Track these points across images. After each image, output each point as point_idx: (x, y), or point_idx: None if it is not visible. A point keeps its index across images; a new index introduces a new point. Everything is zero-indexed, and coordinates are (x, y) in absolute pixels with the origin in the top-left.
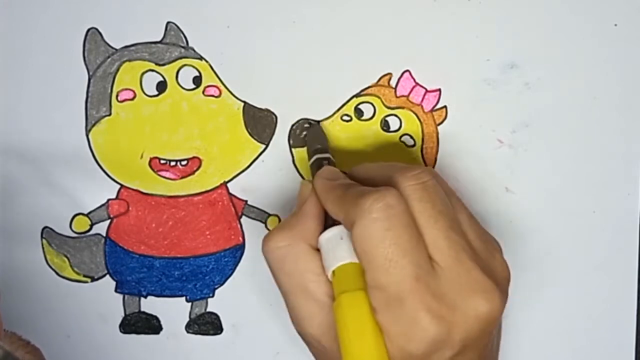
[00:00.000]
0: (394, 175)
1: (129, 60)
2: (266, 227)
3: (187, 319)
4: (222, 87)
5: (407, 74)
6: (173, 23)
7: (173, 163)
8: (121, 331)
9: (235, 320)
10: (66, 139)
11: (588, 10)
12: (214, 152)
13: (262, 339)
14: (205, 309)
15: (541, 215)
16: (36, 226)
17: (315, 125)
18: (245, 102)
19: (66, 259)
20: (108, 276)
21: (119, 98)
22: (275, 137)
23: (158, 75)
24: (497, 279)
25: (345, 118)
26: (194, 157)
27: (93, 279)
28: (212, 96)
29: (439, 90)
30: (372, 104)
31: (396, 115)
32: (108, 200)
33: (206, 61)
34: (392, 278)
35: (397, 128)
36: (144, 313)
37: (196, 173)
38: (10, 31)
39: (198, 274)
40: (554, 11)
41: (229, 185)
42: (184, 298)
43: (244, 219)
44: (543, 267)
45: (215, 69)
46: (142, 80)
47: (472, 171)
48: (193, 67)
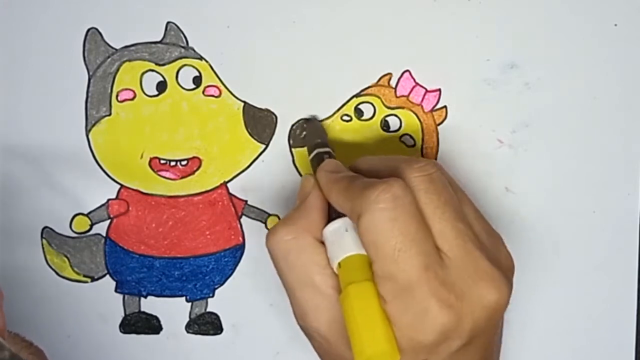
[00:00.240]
0: (400, 166)
1: (129, 60)
2: (266, 227)
3: (187, 319)
4: (222, 87)
5: (407, 74)
6: (173, 23)
7: (173, 163)
8: (121, 331)
9: (235, 320)
10: (66, 139)
11: (588, 10)
12: (214, 152)
13: (262, 339)
14: (205, 309)
15: (541, 215)
16: (36, 226)
17: (313, 120)
18: (245, 102)
19: (66, 259)
20: (108, 276)
21: (119, 98)
22: (275, 137)
23: (158, 75)
24: (503, 269)
25: (345, 118)
26: (194, 157)
27: (93, 279)
28: (212, 96)
29: (439, 90)
30: (372, 104)
31: (396, 115)
32: (108, 200)
33: (206, 61)
34: (401, 267)
35: (397, 128)
36: (144, 313)
37: (196, 173)
38: (10, 31)
39: (198, 274)
40: (554, 11)
41: (229, 185)
42: (184, 298)
43: (244, 219)
44: (543, 267)
45: (215, 69)
46: (142, 80)
47: (472, 171)
48: (193, 67)
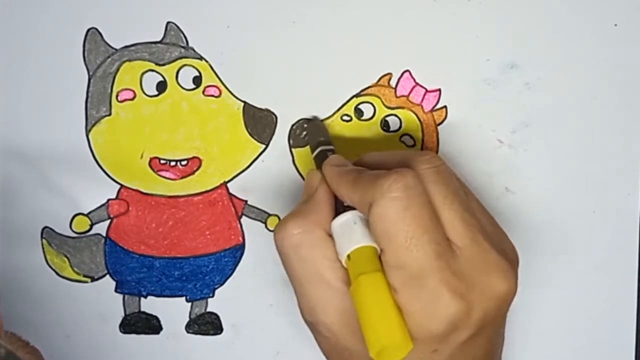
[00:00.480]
0: (409, 158)
1: (129, 60)
2: (266, 227)
3: (187, 319)
4: (222, 87)
5: (407, 74)
6: (173, 23)
7: (173, 163)
8: (121, 331)
9: (235, 320)
10: (66, 139)
11: (588, 10)
12: (214, 152)
13: (262, 339)
14: (205, 309)
15: (541, 215)
16: (36, 226)
17: (314, 120)
18: (245, 102)
19: (66, 259)
20: (108, 276)
21: (119, 98)
22: (275, 137)
23: (158, 75)
24: (510, 260)
25: (345, 118)
26: (194, 157)
27: (93, 279)
28: (212, 96)
29: (439, 90)
30: (372, 104)
31: (396, 115)
32: (108, 200)
33: (206, 61)
34: (413, 256)
35: (397, 128)
36: (144, 313)
37: (196, 173)
38: (10, 31)
39: (198, 274)
40: (554, 11)
41: (229, 185)
42: (184, 298)
43: (244, 219)
44: (543, 267)
45: (215, 69)
46: (142, 80)
47: (472, 171)
48: (193, 67)
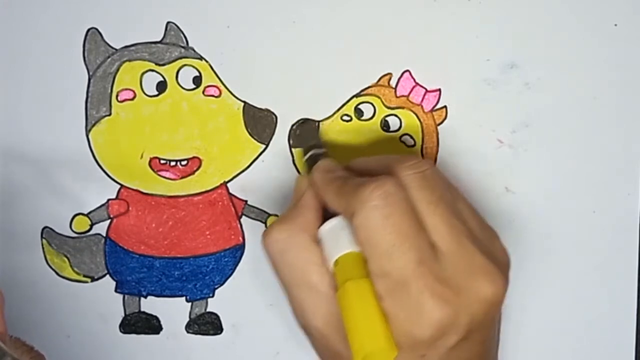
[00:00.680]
0: (392, 165)
1: (129, 60)
2: (266, 227)
3: (187, 319)
4: (222, 87)
5: (407, 74)
6: (173, 23)
7: (173, 163)
8: (121, 331)
9: (235, 320)
10: (66, 139)
11: (588, 10)
12: (214, 152)
13: (262, 339)
14: (205, 309)
15: (541, 215)
16: (36, 226)
17: (308, 121)
18: (245, 102)
19: (66, 259)
20: (108, 276)
21: (119, 98)
22: (275, 137)
23: (158, 75)
24: (499, 264)
25: (345, 118)
26: (194, 157)
27: (93, 279)
28: (212, 96)
29: (439, 90)
30: (372, 104)
31: (396, 115)
32: (108, 200)
33: (206, 61)
34: (395, 264)
35: (397, 128)
36: (144, 313)
37: (196, 173)
38: (10, 31)
39: (198, 274)
40: (554, 11)
41: (229, 185)
42: (184, 298)
43: (244, 219)
44: (543, 267)
45: (215, 69)
46: (142, 80)
47: (472, 171)
48: (193, 67)
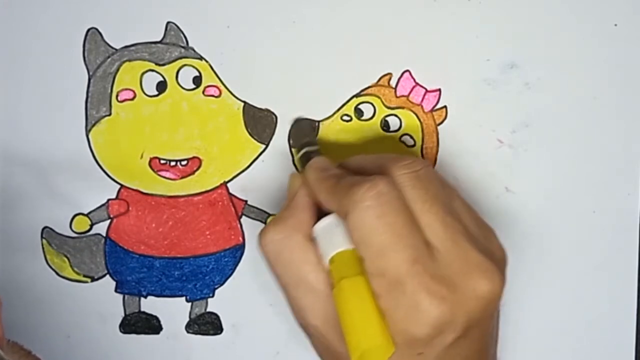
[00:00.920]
0: (387, 164)
1: (129, 60)
2: None
3: (187, 319)
4: (222, 87)
5: (407, 74)
6: (173, 23)
7: (173, 163)
8: (121, 331)
9: (235, 320)
10: (66, 139)
11: (588, 10)
12: (214, 152)
13: (262, 339)
14: (205, 309)
15: (541, 215)
16: (36, 226)
17: (300, 119)
18: (245, 102)
19: (66, 259)
20: (108, 276)
21: (119, 98)
22: (275, 137)
23: (158, 75)
24: (495, 260)
25: (345, 118)
26: (194, 157)
27: (93, 279)
28: (212, 96)
29: (439, 90)
30: (372, 104)
31: (396, 115)
32: (108, 200)
33: (206, 61)
34: (390, 263)
35: (397, 128)
36: (144, 313)
37: (196, 173)
38: (10, 31)
39: (198, 274)
40: (554, 11)
41: (229, 185)
42: (184, 298)
43: (244, 219)
44: (543, 267)
45: (215, 69)
46: (142, 80)
47: (472, 171)
48: (193, 67)
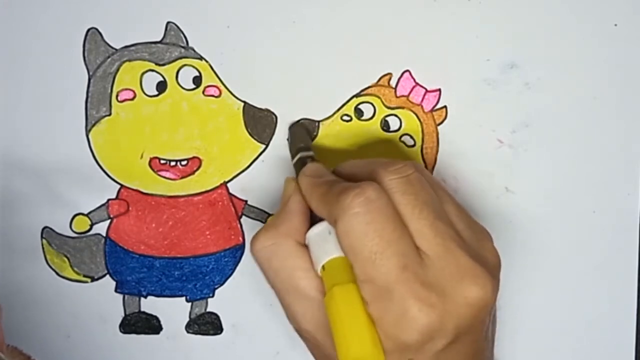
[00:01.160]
0: (376, 170)
1: (129, 60)
2: None
3: (187, 319)
4: (222, 87)
5: (407, 74)
6: (173, 23)
7: (173, 163)
8: (121, 331)
9: (235, 320)
10: (66, 139)
11: (588, 10)
12: (214, 152)
13: (262, 339)
14: (205, 309)
15: (541, 215)
16: (36, 226)
17: (297, 123)
18: (245, 102)
19: (66, 259)
20: (108, 276)
21: (119, 98)
22: (275, 137)
23: (158, 75)
24: (488, 266)
25: (345, 118)
26: (194, 157)
27: (93, 279)
28: (212, 96)
29: (439, 90)
30: (372, 104)
31: (396, 115)
32: (108, 200)
33: (206, 61)
34: (379, 270)
35: (397, 128)
36: (144, 313)
37: (196, 173)
38: (10, 31)
39: (198, 274)
40: (554, 11)
41: (229, 185)
42: (184, 298)
43: (244, 219)
44: (543, 267)
45: (215, 69)
46: (142, 80)
47: (472, 171)
48: (193, 67)
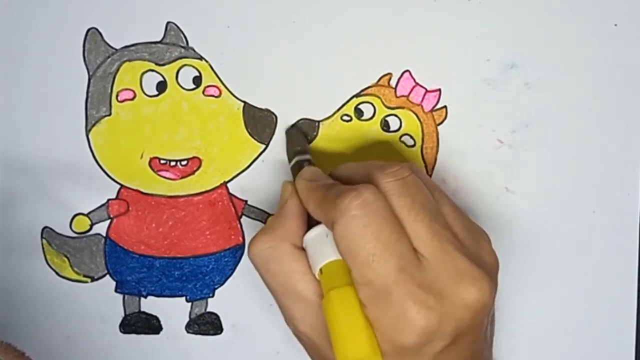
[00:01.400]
0: (373, 172)
1: (129, 60)
2: None
3: (187, 319)
4: (222, 87)
5: (407, 74)
6: (173, 23)
7: (173, 163)
8: (121, 331)
9: (235, 320)
10: (66, 139)
11: (588, 10)
12: (214, 152)
13: (262, 339)
14: (205, 309)
15: (541, 215)
16: (36, 226)
17: (294, 127)
18: (245, 102)
19: (66, 259)
20: (108, 276)
21: (119, 98)
22: (275, 137)
23: (158, 75)
24: (485, 268)
25: (345, 118)
26: (194, 157)
27: (93, 279)
28: (212, 96)
29: (439, 90)
30: (372, 104)
31: (396, 115)
32: (108, 200)
33: (206, 61)
34: (377, 272)
35: (397, 128)
36: (144, 313)
37: (196, 173)
38: (10, 31)
39: (198, 274)
40: (554, 11)
41: (229, 185)
42: (184, 298)
43: (244, 219)
44: (543, 267)
45: (215, 69)
46: (142, 80)
47: (472, 171)
48: (193, 67)
